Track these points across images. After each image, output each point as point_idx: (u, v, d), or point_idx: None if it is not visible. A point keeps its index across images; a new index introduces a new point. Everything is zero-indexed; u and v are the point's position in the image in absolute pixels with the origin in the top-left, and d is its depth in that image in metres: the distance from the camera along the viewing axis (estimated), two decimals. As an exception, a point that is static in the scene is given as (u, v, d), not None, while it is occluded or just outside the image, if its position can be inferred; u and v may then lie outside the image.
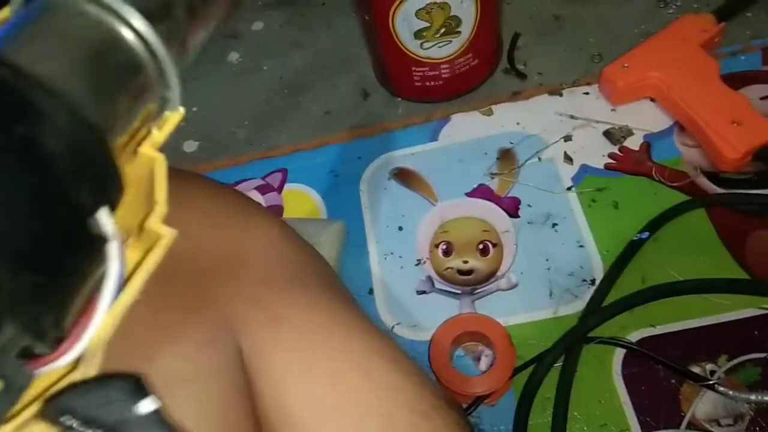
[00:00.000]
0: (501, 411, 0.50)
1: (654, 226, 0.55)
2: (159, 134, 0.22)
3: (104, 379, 0.18)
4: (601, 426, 0.49)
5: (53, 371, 0.18)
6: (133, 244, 0.22)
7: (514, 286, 0.56)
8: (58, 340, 0.17)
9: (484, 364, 0.53)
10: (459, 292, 0.57)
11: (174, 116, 0.23)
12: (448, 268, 0.58)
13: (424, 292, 0.58)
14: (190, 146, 0.72)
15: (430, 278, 0.58)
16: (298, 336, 0.27)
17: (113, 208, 0.19)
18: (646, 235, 0.55)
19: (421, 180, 0.63)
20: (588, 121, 0.62)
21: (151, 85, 0.20)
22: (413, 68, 0.64)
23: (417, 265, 0.59)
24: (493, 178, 0.62)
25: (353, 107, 0.70)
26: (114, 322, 0.19)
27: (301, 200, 0.65)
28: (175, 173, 0.33)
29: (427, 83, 0.65)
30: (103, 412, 0.18)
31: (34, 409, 0.18)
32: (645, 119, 0.62)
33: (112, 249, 0.18)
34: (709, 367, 0.49)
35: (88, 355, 0.18)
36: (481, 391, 0.50)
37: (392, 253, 0.60)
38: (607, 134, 0.61)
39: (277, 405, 0.26)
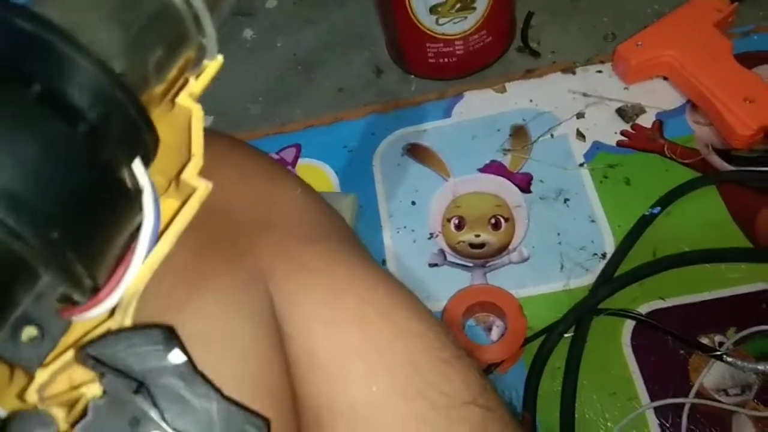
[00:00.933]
0: (511, 379, 0.51)
1: (665, 201, 0.56)
2: (196, 84, 0.22)
3: (138, 329, 0.19)
4: (610, 394, 0.50)
5: (89, 319, 0.19)
6: (169, 196, 0.22)
7: (526, 259, 0.57)
8: (94, 290, 0.18)
9: (495, 334, 0.54)
10: (471, 265, 0.58)
11: (212, 65, 0.22)
12: (460, 241, 0.59)
13: (436, 265, 0.59)
14: (204, 122, 0.72)
15: (442, 251, 0.59)
16: (325, 285, 0.28)
17: (148, 160, 0.19)
18: (657, 210, 0.55)
19: (434, 156, 0.64)
20: (601, 98, 0.63)
21: (186, 34, 0.20)
22: (428, 44, 0.64)
23: (429, 238, 0.60)
24: (505, 154, 0.62)
25: (366, 84, 0.71)
26: (149, 274, 0.19)
27: (315, 175, 0.65)
28: (210, 133, 0.34)
29: (441, 60, 0.65)
30: (135, 360, 0.18)
31: (70, 354, 0.19)
32: (657, 97, 0.62)
33: (147, 201, 0.19)
34: (718, 338, 0.50)
35: (123, 305, 0.19)
36: (493, 358, 0.50)
37: (405, 227, 0.61)
38: (620, 112, 0.62)
39: (305, 349, 0.27)
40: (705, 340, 0.50)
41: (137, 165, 0.18)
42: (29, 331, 0.17)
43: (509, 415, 0.29)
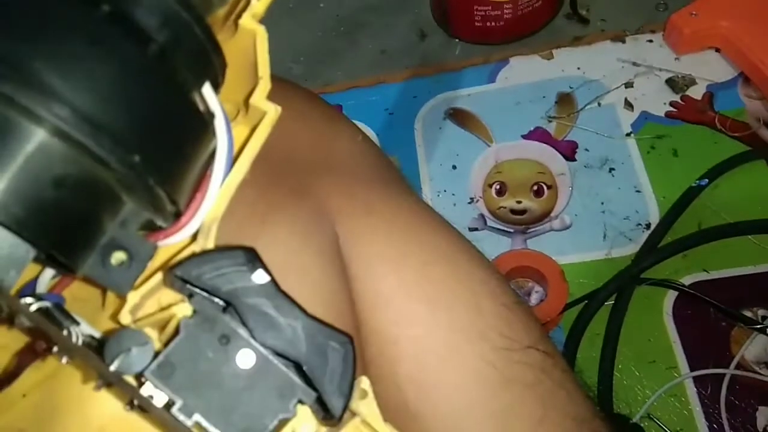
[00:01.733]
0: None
1: (713, 174, 0.55)
2: (259, 3, 0.21)
3: (222, 250, 0.19)
4: (649, 363, 0.50)
5: (173, 244, 0.19)
6: (238, 123, 0.22)
7: (568, 227, 0.57)
8: (176, 215, 0.18)
9: (534, 299, 0.54)
10: (511, 230, 0.58)
11: None
12: (501, 207, 0.59)
13: (476, 230, 0.59)
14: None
15: (482, 216, 0.59)
16: (390, 226, 0.28)
17: (216, 84, 0.19)
18: (705, 181, 0.55)
19: (477, 121, 0.64)
20: (650, 68, 0.62)
21: None
22: (475, 7, 0.63)
23: (470, 203, 0.60)
24: (550, 121, 0.62)
25: (410, 47, 0.70)
26: (227, 198, 0.19)
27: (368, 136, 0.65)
28: (273, 80, 0.35)
29: (488, 23, 0.65)
30: (221, 280, 0.18)
31: (158, 277, 0.19)
32: (709, 69, 0.61)
33: (220, 125, 0.18)
34: (761, 312, 0.50)
35: (204, 229, 0.19)
36: (533, 322, 0.51)
37: (445, 191, 0.61)
38: (670, 82, 0.61)
39: (370, 288, 0.27)
40: (748, 314, 0.50)
41: (207, 89, 0.18)
42: (118, 256, 0.17)
43: (566, 363, 0.29)
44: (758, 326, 0.48)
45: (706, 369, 0.48)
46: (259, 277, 0.19)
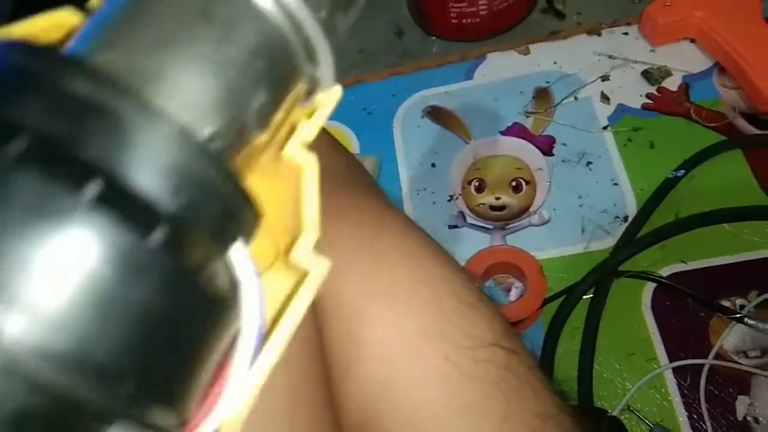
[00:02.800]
0: (530, 339, 0.52)
1: (690, 164, 0.55)
2: (309, 127, 0.17)
3: None
4: (628, 355, 0.50)
5: None
6: (278, 268, 0.18)
7: (546, 222, 0.57)
8: (180, 425, 0.13)
9: (514, 295, 0.54)
10: (491, 227, 0.58)
11: (328, 99, 0.17)
12: (480, 203, 0.59)
13: (456, 227, 0.59)
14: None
15: (462, 213, 0.59)
16: (352, 229, 0.28)
17: (247, 241, 0.15)
18: (681, 172, 0.55)
19: (455, 118, 0.64)
20: (626, 61, 0.62)
21: (295, 67, 0.15)
22: (451, 4, 0.63)
23: (449, 200, 0.60)
24: (528, 116, 0.62)
25: (387, 46, 0.70)
26: (253, 394, 0.15)
27: (335, 137, 0.65)
28: None
29: (464, 20, 0.65)
30: None
31: None
32: (684, 60, 0.61)
33: (249, 299, 0.14)
34: (739, 301, 0.50)
35: None
36: (511, 318, 0.51)
37: (425, 189, 0.61)
38: (646, 74, 0.61)
39: (331, 288, 0.27)
40: (726, 303, 0.50)
41: (236, 253, 0.14)
42: None
43: (533, 359, 0.29)
44: (736, 316, 0.49)
45: (685, 360, 0.48)
46: None
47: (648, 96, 0.60)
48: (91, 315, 0.11)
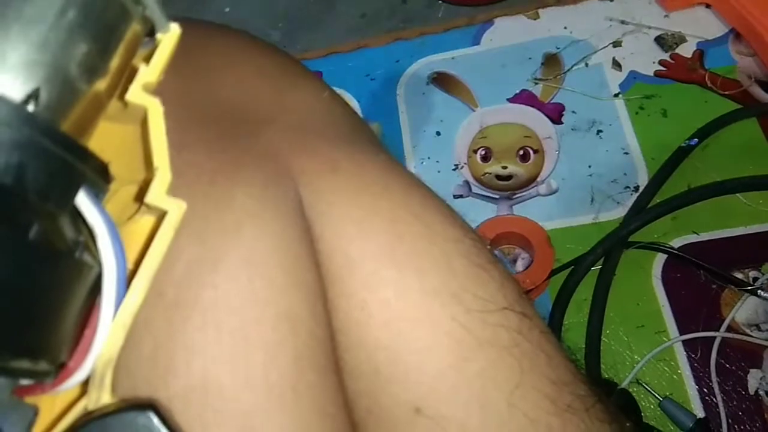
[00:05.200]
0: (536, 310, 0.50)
1: (703, 133, 0.53)
2: (148, 71, 0.17)
3: (116, 414, 0.16)
4: (637, 327, 0.49)
5: (59, 399, 0.17)
6: (144, 212, 0.18)
7: (554, 191, 0.55)
8: (58, 368, 0.15)
9: (520, 265, 0.53)
10: (497, 196, 0.56)
11: (166, 39, 0.17)
12: (486, 173, 0.57)
13: (461, 197, 0.57)
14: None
15: (467, 183, 0.57)
16: (357, 186, 0.27)
17: (98, 190, 0.16)
18: (695, 141, 0.53)
19: (461, 85, 0.62)
20: (639, 26, 0.60)
21: (120, 11, 0.16)
22: (458, -34, 0.61)
23: (454, 169, 0.58)
24: (536, 83, 0.60)
25: (391, 10, 0.68)
26: (123, 334, 0.16)
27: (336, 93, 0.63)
28: (226, 30, 0.33)
29: (472, -17, 0.62)
30: None
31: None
32: (699, 26, 0.59)
33: (104, 244, 0.15)
34: (752, 273, 0.49)
35: (96, 378, 0.16)
36: (519, 289, 0.49)
37: (429, 158, 0.59)
38: (659, 40, 0.59)
39: (336, 250, 0.25)
40: (739, 275, 0.49)
41: (84, 203, 0.15)
42: None
43: (545, 325, 0.28)
44: (749, 288, 0.47)
45: (696, 332, 0.47)
46: None
47: (661, 63, 0.58)
48: None
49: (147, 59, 0.18)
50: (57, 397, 0.17)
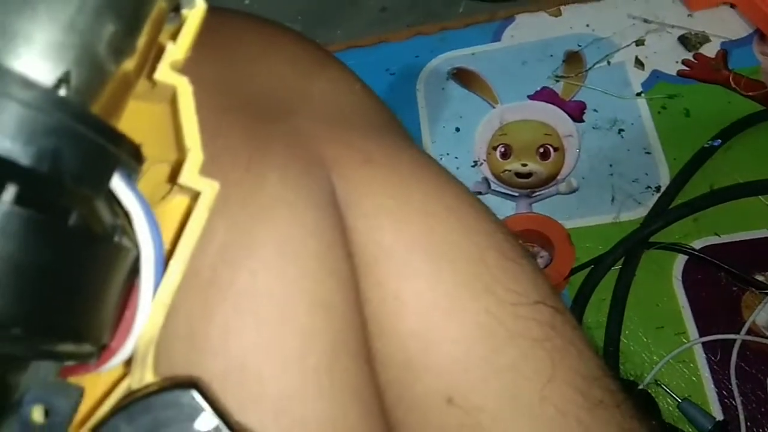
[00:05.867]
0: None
1: (727, 134, 0.53)
2: (176, 49, 0.17)
3: (161, 393, 0.16)
4: (657, 328, 0.48)
5: (102, 379, 0.17)
6: (178, 192, 0.18)
7: (575, 190, 0.55)
8: (100, 349, 0.15)
9: (539, 264, 0.52)
10: (516, 194, 0.56)
11: (193, 15, 0.17)
12: (505, 170, 0.57)
13: (480, 193, 0.57)
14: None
15: (486, 180, 0.57)
16: (390, 176, 0.26)
17: (132, 171, 0.15)
18: (718, 142, 0.52)
19: (482, 81, 0.61)
20: (662, 25, 0.59)
21: None
22: (481, -39, 0.60)
23: (473, 166, 0.58)
24: (558, 81, 0.59)
25: (411, 4, 0.68)
26: (162, 312, 0.16)
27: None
28: (260, 20, 0.32)
29: (494, -21, 0.62)
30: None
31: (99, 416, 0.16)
32: (723, 26, 0.58)
33: (141, 227, 0.15)
34: (775, 276, 0.48)
35: (139, 358, 0.16)
36: (538, 286, 0.49)
37: (448, 154, 0.59)
38: (683, 40, 0.58)
39: (369, 240, 0.25)
40: (760, 278, 0.48)
41: (119, 186, 0.15)
42: (38, 412, 0.15)
43: (576, 321, 0.27)
44: (771, 291, 0.47)
45: (715, 334, 0.47)
46: (204, 423, 0.16)
47: (684, 62, 0.58)
48: None
49: (173, 36, 0.18)
50: (100, 377, 0.17)
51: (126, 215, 0.16)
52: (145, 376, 0.16)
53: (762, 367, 0.46)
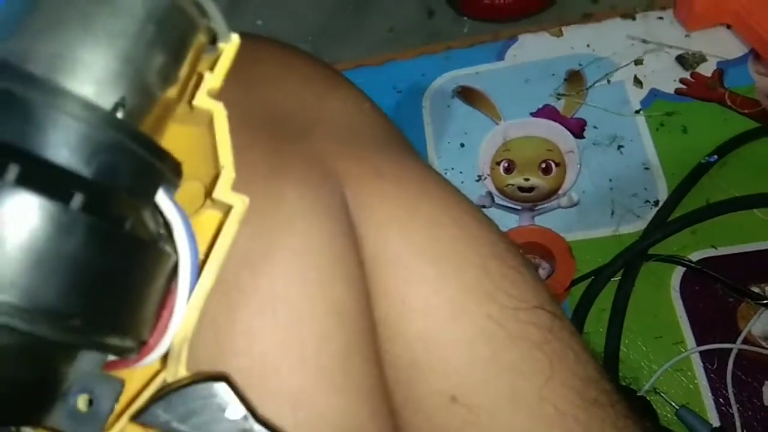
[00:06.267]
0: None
1: (723, 150, 0.55)
2: (213, 78, 0.19)
3: (193, 385, 0.18)
4: (656, 338, 0.50)
5: (139, 374, 0.18)
6: (208, 207, 0.20)
7: (575, 204, 0.57)
8: (141, 345, 0.17)
9: (541, 275, 0.54)
10: (519, 208, 0.58)
11: (227, 49, 0.19)
12: (508, 184, 0.59)
13: (483, 207, 0.59)
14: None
15: (490, 194, 0.59)
16: (399, 189, 0.28)
17: (172, 186, 0.17)
18: (714, 158, 0.54)
19: (486, 99, 0.64)
20: (660, 45, 0.61)
21: (188, 25, 0.17)
22: (484, -16, 0.63)
23: (477, 180, 0.60)
24: (559, 98, 0.61)
25: (418, 25, 0.70)
26: (196, 314, 0.18)
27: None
28: (276, 43, 0.35)
29: (497, 0, 0.64)
30: (194, 420, 0.18)
31: (126, 419, 0.18)
32: (720, 46, 0.60)
33: (180, 236, 0.17)
34: (770, 288, 0.50)
35: (174, 354, 0.18)
36: (540, 297, 0.51)
37: (453, 169, 0.61)
38: (680, 59, 0.60)
39: (379, 249, 0.27)
40: (755, 289, 0.50)
41: (162, 199, 0.17)
42: (83, 400, 0.16)
43: (573, 326, 0.29)
44: (765, 301, 0.48)
45: (712, 344, 0.48)
46: (233, 412, 0.18)
47: (682, 81, 0.60)
48: (32, 272, 0.13)
49: (211, 66, 0.20)
50: (136, 373, 0.19)
51: (166, 225, 0.18)
52: (179, 370, 0.18)
53: (758, 376, 0.47)
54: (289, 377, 0.22)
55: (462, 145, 0.62)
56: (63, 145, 0.14)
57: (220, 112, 0.19)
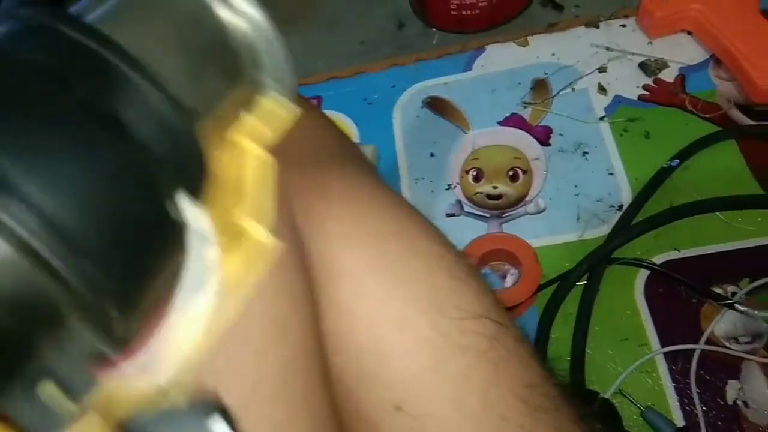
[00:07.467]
0: (524, 324, 0.52)
1: (684, 154, 0.56)
2: (265, 128, 0.19)
3: (186, 406, 0.17)
4: (621, 340, 0.51)
5: (122, 379, 0.17)
6: (228, 252, 0.19)
7: (542, 210, 0.58)
8: (125, 341, 0.15)
9: (509, 281, 0.55)
10: (487, 215, 0.59)
11: (280, 113, 0.20)
12: (477, 192, 0.60)
13: (453, 215, 0.59)
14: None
15: (459, 202, 0.60)
16: (347, 204, 0.29)
17: (199, 194, 0.17)
18: (676, 162, 0.55)
19: (454, 109, 0.65)
20: (624, 53, 0.63)
21: (239, 66, 0.18)
22: (450, -4, 0.64)
23: (447, 189, 0.61)
24: (525, 107, 0.62)
25: (388, 37, 0.71)
26: (192, 333, 0.17)
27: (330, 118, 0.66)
28: None
29: (464, 12, 0.65)
30: None
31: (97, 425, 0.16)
32: (681, 52, 0.62)
33: (194, 239, 0.16)
34: (731, 288, 0.51)
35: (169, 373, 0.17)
36: (507, 303, 0.51)
37: (423, 178, 0.62)
38: (643, 66, 0.62)
39: (327, 262, 0.28)
40: (718, 290, 0.51)
41: (182, 200, 0.16)
42: (48, 389, 0.14)
43: (521, 333, 0.30)
44: (727, 302, 0.49)
45: (676, 345, 0.49)
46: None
47: (644, 87, 0.61)
48: (79, 199, 0.13)
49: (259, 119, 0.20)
50: (129, 389, 0.17)
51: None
52: (172, 390, 0.17)
53: (721, 375, 0.48)
54: (227, 392, 0.23)
55: (432, 154, 0.63)
56: (145, 118, 0.15)
57: (271, 164, 0.19)
